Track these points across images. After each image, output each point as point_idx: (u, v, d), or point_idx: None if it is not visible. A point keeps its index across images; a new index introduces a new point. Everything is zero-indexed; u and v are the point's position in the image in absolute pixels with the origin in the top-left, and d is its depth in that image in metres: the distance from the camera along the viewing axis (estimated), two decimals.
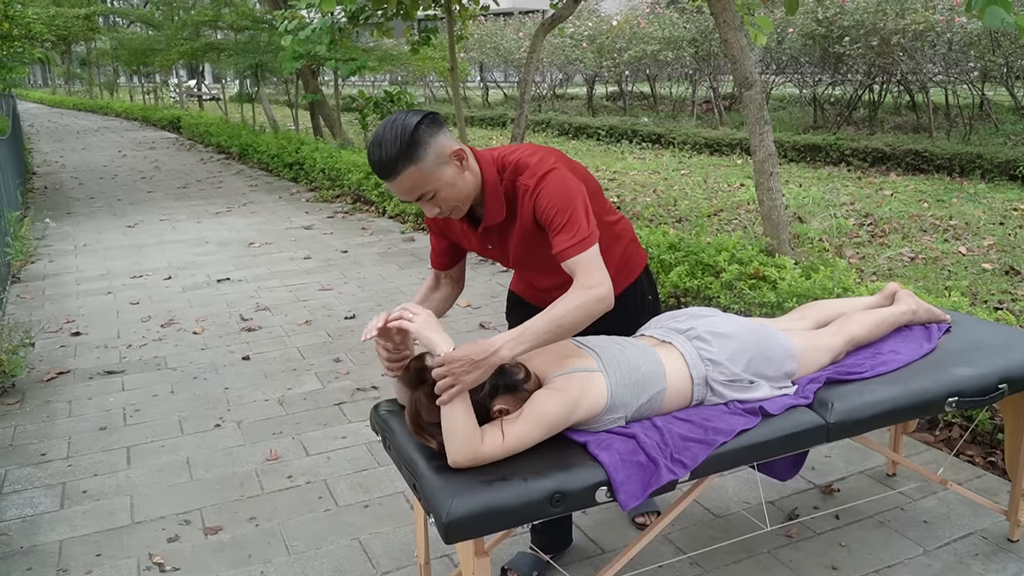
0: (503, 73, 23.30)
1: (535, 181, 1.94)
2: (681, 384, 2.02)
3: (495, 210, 2.00)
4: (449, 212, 1.96)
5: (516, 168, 1.98)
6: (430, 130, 1.84)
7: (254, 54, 12.74)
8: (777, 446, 1.96)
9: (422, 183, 1.85)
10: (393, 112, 11.32)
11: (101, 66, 32.33)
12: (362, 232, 7.52)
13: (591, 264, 1.89)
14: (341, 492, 2.99)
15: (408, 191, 1.87)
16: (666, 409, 2.02)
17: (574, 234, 1.89)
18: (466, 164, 1.92)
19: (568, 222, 1.90)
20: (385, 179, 1.85)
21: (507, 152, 2.02)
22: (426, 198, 1.89)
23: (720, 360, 2.05)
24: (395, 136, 1.80)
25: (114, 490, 3.05)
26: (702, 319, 2.16)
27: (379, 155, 1.82)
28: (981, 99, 11.46)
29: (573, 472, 1.77)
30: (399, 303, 5.17)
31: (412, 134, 1.80)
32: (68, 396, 3.95)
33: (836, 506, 2.78)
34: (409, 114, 1.84)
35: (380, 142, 1.82)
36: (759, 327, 2.17)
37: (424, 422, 1.85)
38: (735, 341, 2.08)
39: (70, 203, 9.67)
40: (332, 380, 4.04)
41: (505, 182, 1.99)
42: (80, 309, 5.35)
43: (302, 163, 10.52)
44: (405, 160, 1.81)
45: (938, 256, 5.96)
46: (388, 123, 1.83)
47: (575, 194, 1.94)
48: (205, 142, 16.13)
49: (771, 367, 2.11)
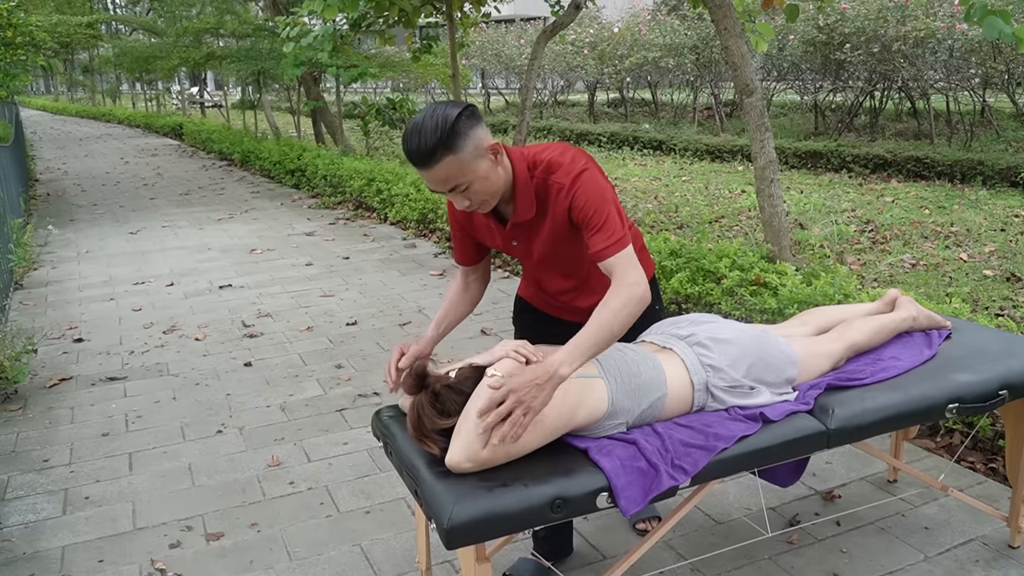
0: (504, 80, 23.35)
1: (570, 180, 1.96)
2: (682, 390, 2.03)
3: (525, 207, 2.02)
4: (478, 206, 1.97)
5: (548, 166, 1.99)
6: (469, 122, 1.86)
7: (256, 61, 12.78)
8: (778, 452, 1.97)
9: (458, 174, 1.87)
10: (395, 117, 11.36)
11: (104, 73, 32.42)
12: (364, 238, 7.53)
13: (627, 263, 1.92)
14: (343, 498, 2.99)
15: (443, 181, 1.88)
16: (667, 415, 2.03)
17: (611, 234, 1.92)
18: (500, 159, 1.94)
19: (605, 222, 1.93)
20: (421, 168, 1.86)
21: (538, 151, 2.04)
22: (459, 189, 1.91)
23: (721, 366, 2.05)
24: (435, 125, 1.81)
25: (116, 496, 3.06)
26: (703, 325, 2.16)
27: (417, 143, 1.83)
28: (982, 106, 11.48)
29: (574, 478, 1.77)
30: (400, 309, 5.22)
31: (453, 125, 1.82)
32: (70, 402, 3.95)
33: (837, 512, 2.78)
34: (449, 105, 1.86)
35: (420, 130, 1.83)
36: (760, 333, 2.17)
37: (426, 428, 1.85)
38: (736, 347, 2.09)
39: (73, 210, 9.69)
40: (334, 386, 4.05)
41: (536, 179, 2.01)
42: (83, 316, 5.36)
43: (304, 170, 10.55)
44: (444, 150, 1.82)
45: (939, 263, 5.96)
46: (428, 112, 1.85)
47: (608, 195, 1.97)
48: (207, 149, 16.17)
49: (772, 373, 2.11)
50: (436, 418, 1.84)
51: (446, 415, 1.84)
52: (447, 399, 1.86)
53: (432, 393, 1.87)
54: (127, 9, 26.77)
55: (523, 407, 1.72)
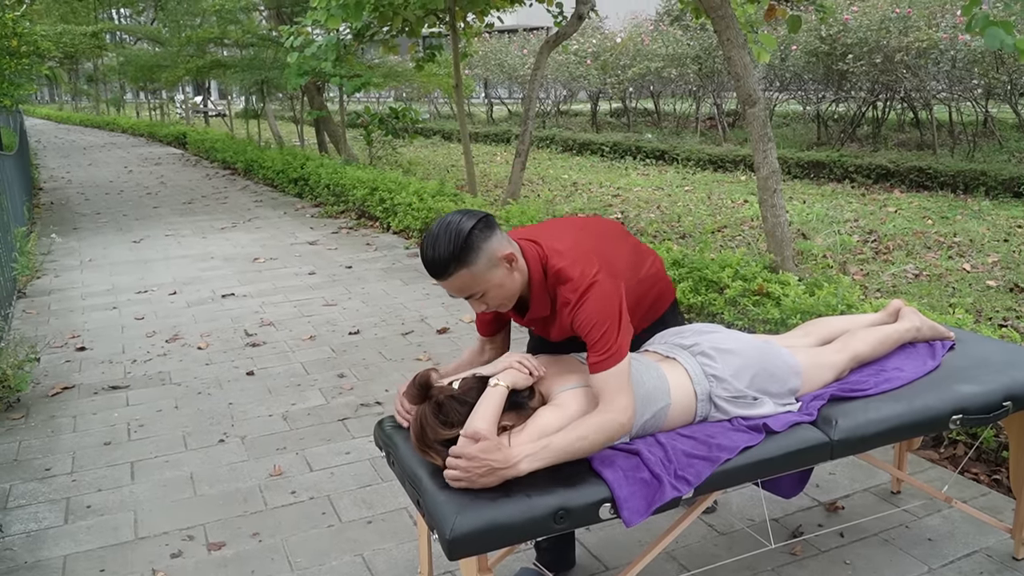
0: (507, 89, 23.40)
1: (576, 297, 1.96)
2: (685, 400, 2.02)
3: (540, 306, 2.06)
4: (495, 308, 2.02)
5: (558, 277, 2.00)
6: (483, 234, 1.89)
7: (259, 70, 12.83)
8: (781, 463, 1.96)
9: (472, 284, 1.91)
10: (398, 127, 11.39)
11: (108, 82, 32.54)
12: (366, 248, 7.54)
13: (617, 385, 1.90)
14: (344, 508, 2.99)
15: (458, 290, 1.94)
16: (670, 425, 2.03)
17: (605, 351, 1.91)
18: (515, 265, 1.97)
19: (601, 338, 1.92)
20: (436, 278, 1.92)
21: (550, 251, 2.02)
22: (475, 297, 1.96)
23: (724, 376, 2.05)
24: (449, 239, 1.85)
25: (118, 505, 3.06)
26: (706, 335, 2.17)
27: (432, 256, 1.87)
28: (985, 116, 11.49)
29: (577, 489, 1.77)
30: (403, 318, 5.23)
31: (466, 239, 1.86)
32: (73, 411, 3.95)
33: (841, 524, 2.77)
34: (464, 217, 1.89)
35: (434, 243, 1.87)
36: (763, 344, 2.17)
37: (429, 439, 1.85)
38: (739, 357, 2.09)
39: (76, 218, 9.71)
40: (336, 396, 4.05)
41: (549, 285, 2.03)
42: (85, 324, 5.37)
43: (307, 179, 10.57)
44: (457, 263, 1.87)
45: (942, 273, 5.96)
46: (443, 224, 1.89)
47: (612, 309, 1.95)
48: (211, 158, 16.21)
49: (775, 384, 2.11)
50: (439, 428, 1.84)
51: (449, 426, 1.84)
52: (450, 409, 1.86)
53: (435, 403, 1.87)
54: (131, 19, 26.88)
55: (465, 476, 1.75)
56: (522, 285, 2.01)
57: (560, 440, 1.82)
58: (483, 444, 1.75)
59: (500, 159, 14.38)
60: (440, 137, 18.92)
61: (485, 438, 1.76)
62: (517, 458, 1.78)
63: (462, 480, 1.75)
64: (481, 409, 1.82)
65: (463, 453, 1.75)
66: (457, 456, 1.76)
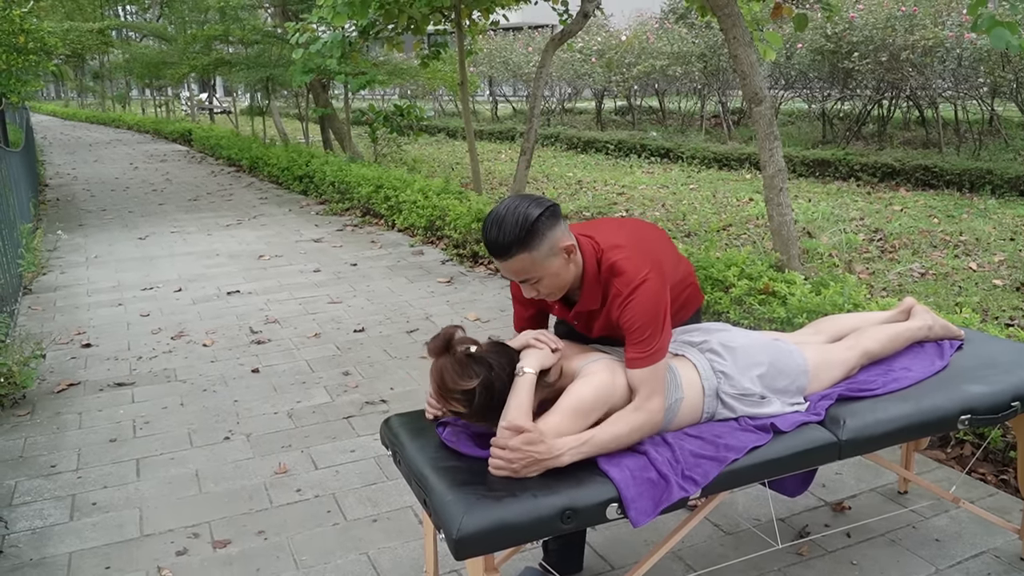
0: (512, 87, 23.38)
1: (628, 291, 1.99)
2: (694, 396, 2.02)
3: (591, 299, 2.08)
4: (546, 296, 2.05)
5: (613, 270, 2.03)
6: (549, 223, 1.93)
7: (265, 68, 12.83)
8: (789, 463, 1.95)
9: (530, 269, 1.94)
10: (403, 124, 11.38)
11: (113, 79, 32.59)
12: (371, 245, 7.54)
13: (653, 384, 1.95)
14: (350, 506, 2.98)
15: (514, 273, 1.97)
16: (679, 421, 2.02)
17: (646, 349, 1.95)
18: (573, 257, 2.01)
19: (646, 337, 1.96)
20: (496, 258, 1.95)
21: (607, 246, 2.06)
22: (530, 282, 1.99)
23: (732, 373, 2.05)
24: (515, 222, 1.89)
25: (123, 502, 3.06)
26: (715, 333, 2.16)
27: (496, 236, 1.91)
28: (991, 115, 11.45)
29: (584, 488, 1.76)
30: (408, 316, 5.23)
31: (532, 225, 1.89)
32: (78, 408, 3.96)
33: (847, 524, 2.77)
34: (532, 204, 1.92)
35: (500, 224, 1.90)
36: (772, 341, 2.16)
37: (448, 387, 1.88)
38: (747, 354, 2.08)
39: (82, 215, 9.73)
40: (341, 393, 4.05)
41: (602, 277, 2.05)
42: (91, 321, 5.38)
43: (312, 176, 10.57)
44: (520, 247, 1.90)
45: (948, 272, 5.94)
46: (511, 206, 1.91)
47: (659, 309, 1.99)
48: (216, 155, 16.23)
49: (783, 381, 2.10)
50: (458, 379, 1.87)
51: (468, 377, 1.87)
52: (469, 365, 1.89)
53: (456, 356, 1.90)
54: (137, 16, 26.92)
55: (508, 466, 1.81)
56: (575, 277, 2.04)
57: (601, 437, 1.87)
58: (525, 436, 1.79)
59: (505, 157, 14.37)
60: (445, 135, 18.90)
61: (527, 430, 1.80)
62: (560, 451, 1.82)
63: (505, 470, 1.80)
64: (515, 401, 1.86)
65: (506, 445, 1.80)
66: (501, 447, 1.81)
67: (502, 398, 1.89)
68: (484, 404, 1.88)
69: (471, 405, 1.88)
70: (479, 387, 1.86)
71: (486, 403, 1.88)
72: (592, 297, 2.07)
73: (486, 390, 1.88)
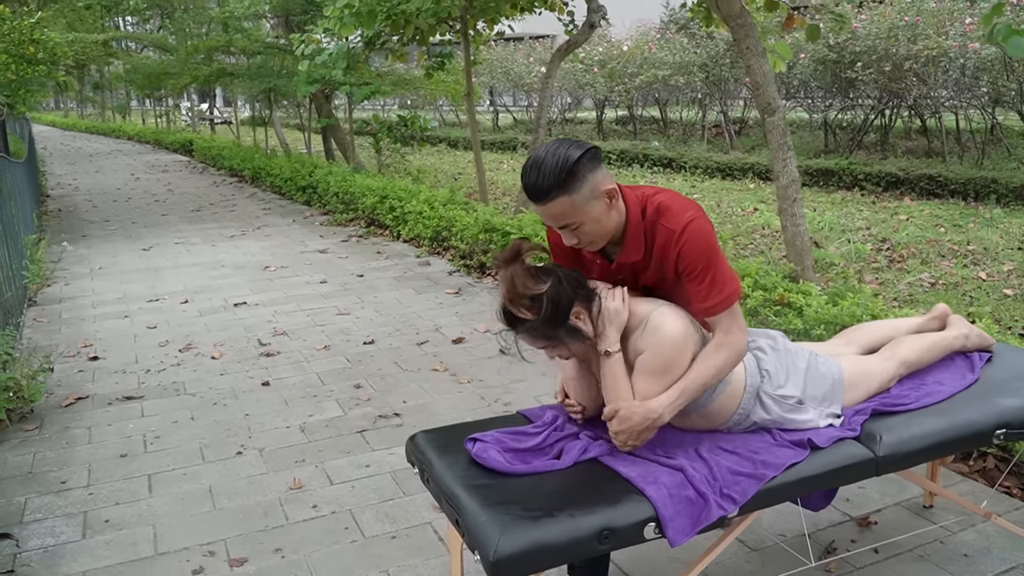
0: (512, 97, 23.40)
1: (680, 227, 1.96)
2: (735, 389, 2.01)
3: (634, 249, 2.03)
4: (587, 245, 2.00)
5: (659, 210, 2.00)
6: (590, 165, 1.89)
7: (268, 78, 12.81)
8: (826, 480, 1.92)
9: (571, 214, 1.90)
10: (406, 134, 11.37)
11: (114, 90, 32.60)
12: (377, 256, 7.51)
13: (733, 321, 1.96)
14: (367, 522, 2.94)
15: (555, 218, 1.92)
16: (713, 408, 2.00)
17: (720, 290, 1.95)
18: (615, 203, 1.96)
19: (714, 277, 1.94)
20: (536, 203, 1.91)
21: (651, 192, 2.05)
22: (570, 228, 1.94)
23: (775, 373, 2.03)
24: (555, 164, 1.84)
25: (136, 519, 3.01)
26: (758, 334, 2.14)
27: (535, 179, 1.86)
28: (992, 124, 11.45)
29: (621, 507, 1.72)
30: (417, 328, 5.18)
31: (573, 166, 1.85)
32: (87, 422, 3.91)
33: (874, 539, 2.72)
34: (572, 145, 1.89)
35: (539, 167, 1.86)
36: (811, 352, 2.13)
37: (519, 292, 1.89)
38: (789, 358, 2.05)
39: (84, 226, 9.69)
40: (353, 407, 4.00)
41: (647, 222, 2.01)
42: (97, 333, 5.33)
43: (315, 186, 10.54)
44: (560, 190, 1.85)
45: (958, 282, 5.91)
46: (550, 149, 1.87)
47: (716, 246, 1.98)
48: (217, 165, 16.20)
49: (820, 389, 2.07)
50: (529, 283, 1.88)
51: (538, 281, 1.89)
52: (539, 273, 1.92)
53: (525, 264, 1.92)
54: (137, 26, 26.92)
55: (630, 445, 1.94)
56: (618, 226, 2.00)
57: (692, 387, 1.93)
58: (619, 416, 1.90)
59: (507, 167, 14.35)
60: (446, 145, 18.90)
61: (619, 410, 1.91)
62: (658, 412, 1.91)
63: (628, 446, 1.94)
64: (611, 388, 1.92)
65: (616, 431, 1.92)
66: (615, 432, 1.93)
67: (567, 311, 1.91)
68: (551, 314, 1.89)
69: (539, 312, 1.88)
70: (548, 294, 1.88)
71: (553, 313, 1.89)
72: (635, 246, 2.02)
73: (553, 300, 1.89)
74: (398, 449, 3.52)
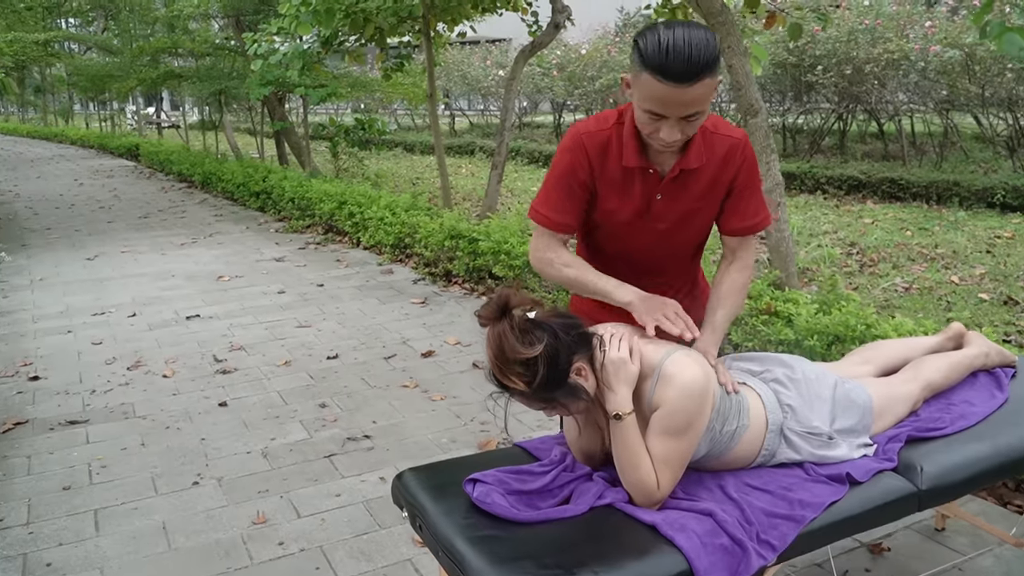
0: (468, 101, 23.17)
1: (743, 137, 1.90)
2: (757, 429, 1.79)
3: (698, 155, 1.86)
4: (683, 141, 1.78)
5: (714, 121, 1.90)
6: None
7: (218, 80, 12.38)
8: (867, 519, 1.73)
9: (706, 98, 1.69)
10: (364, 138, 11.05)
11: (56, 93, 31.59)
12: (337, 264, 7.21)
13: (753, 245, 1.97)
14: (340, 561, 2.68)
15: (690, 103, 1.68)
16: (734, 455, 1.78)
17: (763, 207, 1.93)
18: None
19: (760, 193, 1.92)
20: (679, 84, 1.65)
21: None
22: (691, 118, 1.71)
23: (799, 408, 1.81)
24: (705, 40, 1.64)
25: (82, 562, 2.71)
26: (772, 362, 1.94)
27: (690, 54, 1.62)
28: (946, 127, 11.54)
29: (649, 560, 1.51)
30: (383, 341, 4.91)
31: (716, 47, 1.66)
32: (27, 450, 3.58)
33: (889, 568, 2.55)
34: (695, 25, 1.68)
35: (689, 43, 1.62)
36: (835, 376, 1.94)
37: (508, 358, 1.63)
38: (812, 388, 1.85)
39: (25, 234, 9.20)
40: (319, 428, 3.73)
41: (703, 131, 1.87)
42: (38, 350, 4.97)
43: (270, 192, 10.18)
44: (709, 71, 1.65)
45: (932, 286, 5.84)
46: (690, 30, 1.65)
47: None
48: (166, 170, 15.68)
49: (850, 420, 1.88)
50: (519, 346, 1.62)
51: (529, 344, 1.62)
52: (531, 332, 1.65)
53: (514, 322, 1.64)
54: (81, 28, 26.07)
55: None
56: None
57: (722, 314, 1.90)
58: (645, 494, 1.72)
59: (465, 171, 14.10)
60: (402, 149, 18.58)
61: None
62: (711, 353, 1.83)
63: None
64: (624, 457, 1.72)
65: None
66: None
67: (566, 371, 1.66)
68: (547, 378, 1.64)
69: (533, 378, 1.64)
70: (543, 356, 1.63)
71: (549, 377, 1.64)
72: (700, 152, 1.85)
73: (550, 360, 1.64)
74: (370, 475, 3.26)
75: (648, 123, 1.73)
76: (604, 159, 1.89)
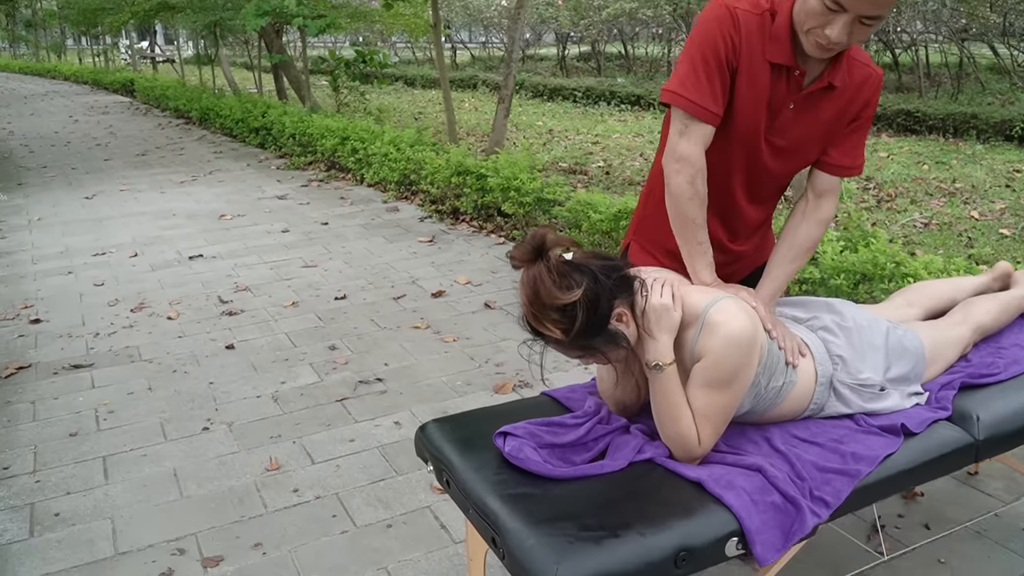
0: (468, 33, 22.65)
1: (879, 71, 1.79)
2: (805, 384, 1.67)
3: (840, 73, 1.72)
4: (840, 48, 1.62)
5: (855, 47, 1.76)
6: None
7: (213, 12, 12.00)
8: (922, 473, 1.63)
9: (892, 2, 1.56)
10: (365, 71, 10.76)
11: (48, 28, 30.87)
12: (341, 202, 7.05)
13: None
14: (357, 509, 2.61)
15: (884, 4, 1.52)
16: (781, 410, 1.68)
17: (863, 153, 1.84)
18: None
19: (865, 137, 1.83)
20: None
21: None
22: (870, 20, 1.55)
23: (849, 358, 1.70)
24: None
25: (92, 512, 2.64)
26: (819, 307, 1.82)
27: None
28: (961, 58, 11.22)
29: (697, 520, 1.41)
30: (392, 281, 4.80)
31: None
32: (31, 395, 3.49)
33: (923, 514, 2.47)
34: None
35: None
36: (886, 321, 1.82)
37: (545, 303, 1.49)
38: (863, 336, 1.73)
39: (20, 173, 9.02)
40: (330, 371, 3.64)
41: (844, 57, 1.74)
42: (39, 292, 4.86)
43: (269, 128, 9.95)
44: None
45: (951, 221, 5.71)
46: None
47: None
48: (162, 106, 15.37)
49: (902, 368, 1.76)
50: (556, 290, 1.48)
51: (567, 288, 1.49)
52: (569, 275, 1.51)
53: (552, 264, 1.50)
54: None
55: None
56: None
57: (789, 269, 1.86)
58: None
59: (468, 105, 13.81)
60: (403, 83, 18.19)
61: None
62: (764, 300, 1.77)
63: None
64: (664, 411, 1.61)
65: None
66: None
67: (607, 316, 1.53)
68: (586, 325, 1.50)
69: (571, 325, 1.50)
70: (581, 301, 1.48)
71: (589, 323, 1.50)
72: (843, 71, 1.72)
73: (590, 305, 1.50)
74: (384, 420, 3.18)
75: (820, 15, 1.54)
76: (751, 44, 1.65)
